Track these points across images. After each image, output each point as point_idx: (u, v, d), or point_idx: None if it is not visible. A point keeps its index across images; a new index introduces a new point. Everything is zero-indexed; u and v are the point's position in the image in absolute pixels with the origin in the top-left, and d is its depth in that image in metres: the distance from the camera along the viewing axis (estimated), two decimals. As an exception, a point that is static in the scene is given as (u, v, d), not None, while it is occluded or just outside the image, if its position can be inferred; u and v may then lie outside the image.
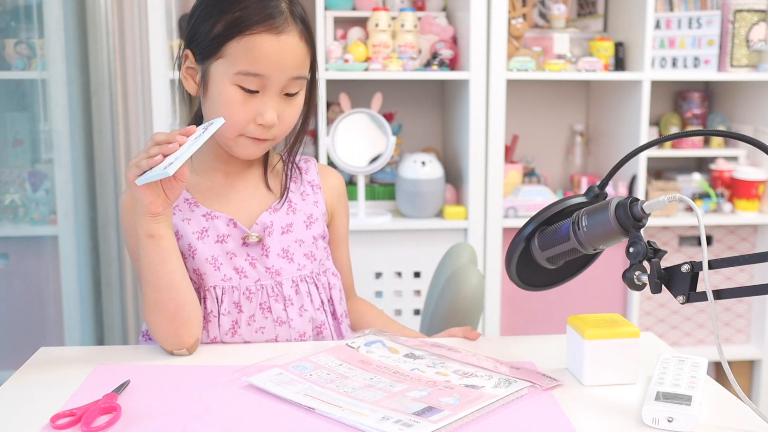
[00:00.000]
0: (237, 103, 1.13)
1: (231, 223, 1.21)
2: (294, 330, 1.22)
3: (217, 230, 1.20)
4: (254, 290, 1.21)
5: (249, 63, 1.11)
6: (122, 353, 1.13)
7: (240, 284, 1.20)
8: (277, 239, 1.23)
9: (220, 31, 1.12)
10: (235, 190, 1.24)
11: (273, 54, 1.12)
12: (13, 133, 2.14)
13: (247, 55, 1.11)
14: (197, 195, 1.22)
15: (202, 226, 1.20)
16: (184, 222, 1.20)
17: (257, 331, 1.21)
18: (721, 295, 0.91)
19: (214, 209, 1.21)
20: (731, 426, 0.91)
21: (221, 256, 1.20)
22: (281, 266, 1.22)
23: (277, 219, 1.23)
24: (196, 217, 1.21)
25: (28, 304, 2.17)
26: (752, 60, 2.39)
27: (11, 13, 2.11)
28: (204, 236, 1.20)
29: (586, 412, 0.95)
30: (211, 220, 1.21)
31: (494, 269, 2.31)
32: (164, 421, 0.90)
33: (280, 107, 1.16)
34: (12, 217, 2.12)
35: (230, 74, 1.13)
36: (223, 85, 1.13)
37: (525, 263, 1.06)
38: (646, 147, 1.00)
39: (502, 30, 2.22)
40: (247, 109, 1.14)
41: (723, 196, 2.46)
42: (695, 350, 2.48)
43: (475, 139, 2.26)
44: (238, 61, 1.12)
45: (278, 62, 1.12)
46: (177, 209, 1.21)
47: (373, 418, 0.88)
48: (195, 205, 1.21)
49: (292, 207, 1.26)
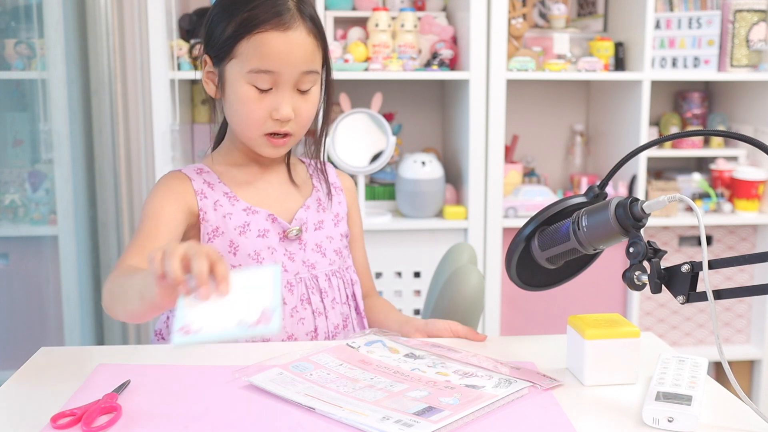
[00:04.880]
0: (252, 101, 1.17)
1: (270, 218, 1.24)
2: (330, 321, 1.27)
3: (258, 225, 1.23)
4: (294, 283, 1.25)
5: (259, 60, 1.15)
6: (122, 353, 1.13)
7: (281, 278, 1.22)
8: (312, 235, 1.28)
9: (231, 32, 1.16)
10: (271, 185, 1.28)
11: (281, 49, 1.15)
12: (13, 133, 2.14)
13: (256, 52, 1.15)
14: (236, 188, 1.25)
15: (243, 221, 1.23)
16: (226, 218, 1.22)
17: (299, 322, 1.24)
18: (721, 295, 0.91)
19: (254, 204, 1.24)
20: (731, 426, 0.91)
21: (263, 251, 1.23)
22: (316, 260, 1.27)
23: (310, 216, 1.28)
24: (237, 211, 1.23)
25: (28, 304, 2.17)
26: (752, 60, 2.39)
27: (11, 13, 2.11)
28: (246, 231, 1.22)
29: (586, 412, 0.95)
30: (252, 215, 1.23)
31: (494, 269, 2.31)
32: (164, 421, 0.90)
33: (295, 102, 1.19)
34: (12, 217, 2.12)
35: (243, 73, 1.16)
36: (238, 85, 1.17)
37: (525, 263, 1.06)
38: (646, 147, 1.00)
39: (502, 30, 2.22)
40: (262, 106, 1.17)
41: (723, 196, 2.46)
42: (695, 350, 2.48)
43: (475, 139, 2.26)
44: (249, 59, 1.15)
45: (287, 57, 1.15)
46: (218, 204, 1.22)
47: (373, 418, 0.88)
48: (235, 200, 1.24)
49: (321, 205, 1.31)
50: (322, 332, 1.26)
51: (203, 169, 1.26)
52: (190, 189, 1.22)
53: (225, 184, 1.24)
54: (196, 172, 1.25)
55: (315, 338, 1.25)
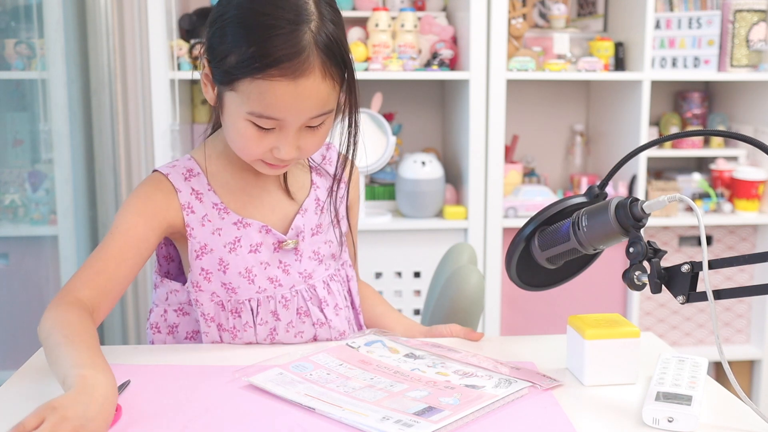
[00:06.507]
0: (251, 138, 1.05)
1: (264, 230, 1.15)
2: (334, 329, 1.20)
3: (250, 239, 1.14)
4: (290, 297, 1.17)
5: (262, 107, 1.02)
6: (122, 353, 1.13)
7: (275, 293, 1.16)
8: (309, 241, 1.19)
9: (233, 64, 1.01)
10: (266, 190, 1.18)
11: (289, 101, 1.02)
12: (13, 133, 2.14)
13: (260, 98, 1.02)
14: (227, 198, 1.15)
15: (234, 236, 1.14)
16: (215, 234, 1.13)
17: (296, 336, 1.18)
18: (721, 295, 0.91)
19: (246, 215, 1.15)
20: (731, 426, 0.91)
21: (255, 267, 1.14)
22: (313, 268, 1.19)
23: (307, 221, 1.19)
24: (227, 225, 1.14)
25: (28, 304, 2.17)
26: (752, 60, 2.39)
27: (11, 13, 2.11)
28: (236, 247, 1.14)
29: (586, 412, 0.95)
30: (243, 229, 1.14)
31: (494, 269, 2.31)
32: (164, 421, 0.90)
33: (302, 139, 1.07)
34: (12, 217, 2.12)
35: (242, 111, 1.04)
36: (237, 119, 1.05)
37: (525, 263, 1.06)
38: (646, 147, 1.00)
39: (502, 30, 2.22)
40: (262, 144, 1.06)
41: (723, 196, 2.46)
42: (695, 350, 2.48)
43: (475, 139, 2.26)
44: (251, 102, 1.02)
45: (294, 108, 1.03)
46: (206, 220, 1.13)
47: (373, 418, 0.88)
48: (225, 212, 1.14)
49: (320, 205, 1.21)
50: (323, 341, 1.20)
51: (192, 171, 1.15)
52: (175, 204, 1.12)
53: (215, 193, 1.14)
54: (184, 177, 1.14)
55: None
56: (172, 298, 1.19)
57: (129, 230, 1.09)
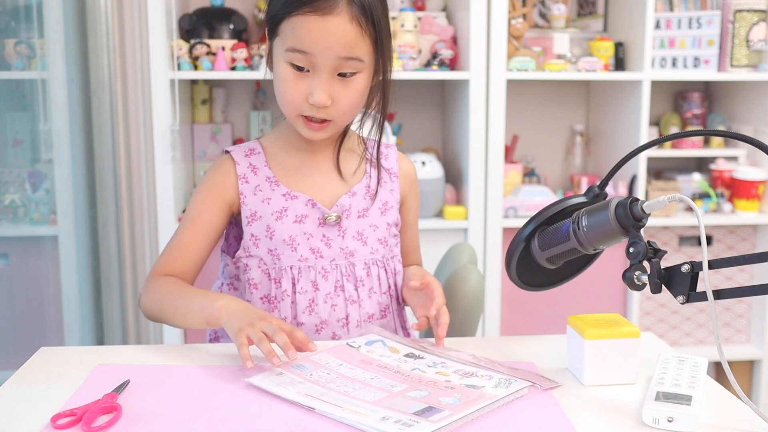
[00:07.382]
0: (289, 81, 1.17)
1: (310, 204, 1.25)
2: (363, 310, 1.27)
3: (296, 210, 1.24)
4: (329, 269, 1.25)
5: (294, 40, 1.15)
6: (122, 353, 1.13)
7: (316, 264, 1.24)
8: (354, 222, 1.27)
9: (275, 11, 1.18)
10: (319, 170, 1.28)
11: (317, 33, 1.14)
12: (13, 133, 2.14)
13: (293, 33, 1.15)
14: (279, 173, 1.26)
15: (281, 206, 1.24)
16: (264, 203, 1.24)
17: (332, 308, 1.25)
18: (721, 295, 0.91)
19: (294, 189, 1.25)
20: (731, 426, 0.91)
21: (299, 236, 1.23)
22: (356, 248, 1.27)
23: (355, 203, 1.28)
24: (276, 196, 1.24)
25: (28, 304, 2.17)
26: (752, 60, 2.39)
27: (11, 13, 2.11)
28: (282, 216, 1.23)
29: (586, 412, 0.95)
30: (291, 200, 1.24)
31: (494, 269, 2.31)
32: (164, 421, 0.90)
33: (334, 89, 1.17)
34: (12, 217, 2.12)
35: (282, 51, 1.17)
36: (279, 63, 1.18)
37: (525, 263, 1.06)
38: (646, 147, 1.00)
39: (502, 30, 2.22)
40: (299, 88, 1.17)
41: (723, 196, 2.46)
42: (695, 350, 2.48)
43: (475, 139, 2.26)
44: (287, 38, 1.16)
45: (323, 42, 1.14)
46: (258, 189, 1.24)
47: (373, 418, 0.88)
48: (276, 184, 1.25)
49: (369, 192, 1.30)
50: (353, 320, 1.26)
51: (254, 150, 1.27)
52: (232, 178, 1.25)
53: (270, 168, 1.26)
54: (245, 154, 1.27)
55: (346, 326, 1.25)
56: (226, 272, 1.31)
57: (195, 218, 1.25)
